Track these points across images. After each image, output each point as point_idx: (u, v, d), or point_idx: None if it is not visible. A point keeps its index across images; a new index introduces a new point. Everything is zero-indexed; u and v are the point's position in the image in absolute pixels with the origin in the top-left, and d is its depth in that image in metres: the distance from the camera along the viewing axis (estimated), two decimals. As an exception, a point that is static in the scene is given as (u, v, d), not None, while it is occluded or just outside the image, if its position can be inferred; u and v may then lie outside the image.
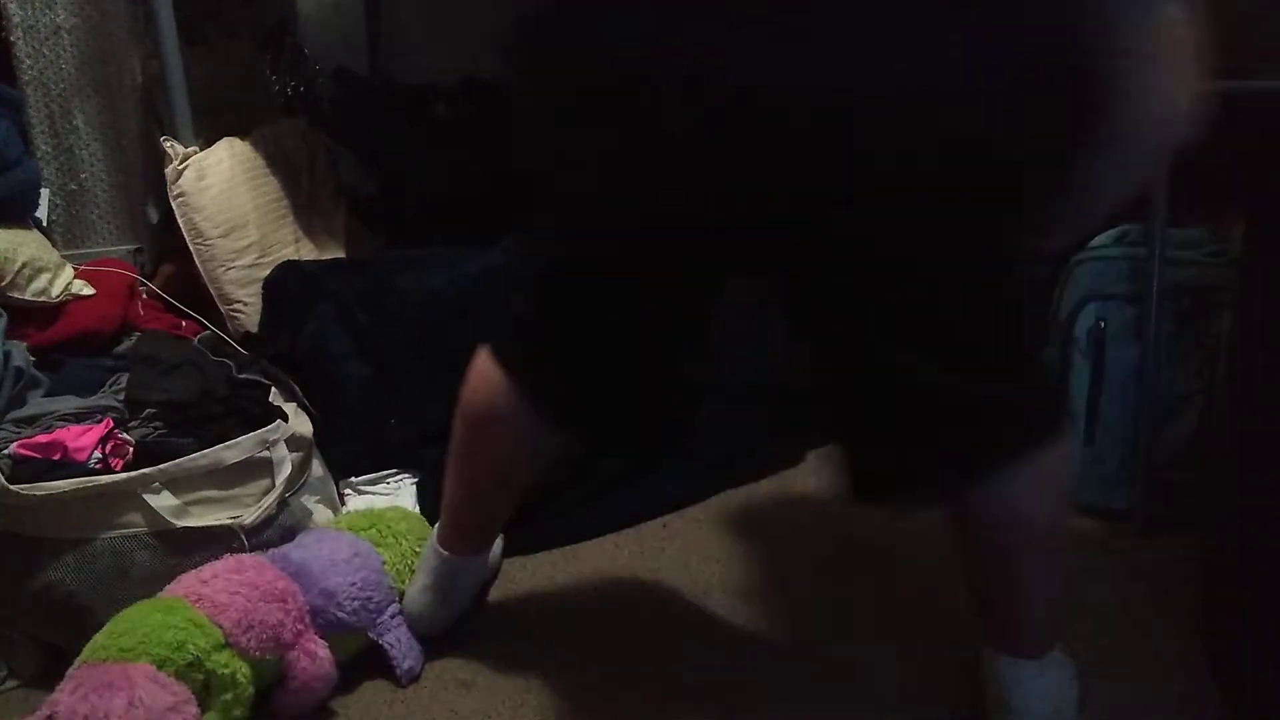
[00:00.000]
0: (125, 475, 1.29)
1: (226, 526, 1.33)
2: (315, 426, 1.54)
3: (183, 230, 1.80)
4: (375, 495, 1.62)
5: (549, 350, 1.13)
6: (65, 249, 1.80)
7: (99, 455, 1.34)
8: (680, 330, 1.12)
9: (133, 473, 1.29)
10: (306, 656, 1.22)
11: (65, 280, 1.66)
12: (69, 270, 1.68)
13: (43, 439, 1.34)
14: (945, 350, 0.96)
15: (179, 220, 1.80)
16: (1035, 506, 1.03)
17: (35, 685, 1.32)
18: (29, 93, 1.80)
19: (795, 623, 1.41)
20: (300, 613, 1.23)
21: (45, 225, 1.78)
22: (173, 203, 1.80)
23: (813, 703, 1.26)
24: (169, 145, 1.79)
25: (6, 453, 1.32)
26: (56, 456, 1.32)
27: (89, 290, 1.69)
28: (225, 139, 1.86)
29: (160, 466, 1.30)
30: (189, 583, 1.21)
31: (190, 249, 1.80)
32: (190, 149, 1.80)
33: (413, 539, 1.41)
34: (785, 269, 1.01)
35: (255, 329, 1.78)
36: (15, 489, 1.25)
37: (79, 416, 1.41)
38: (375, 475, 1.64)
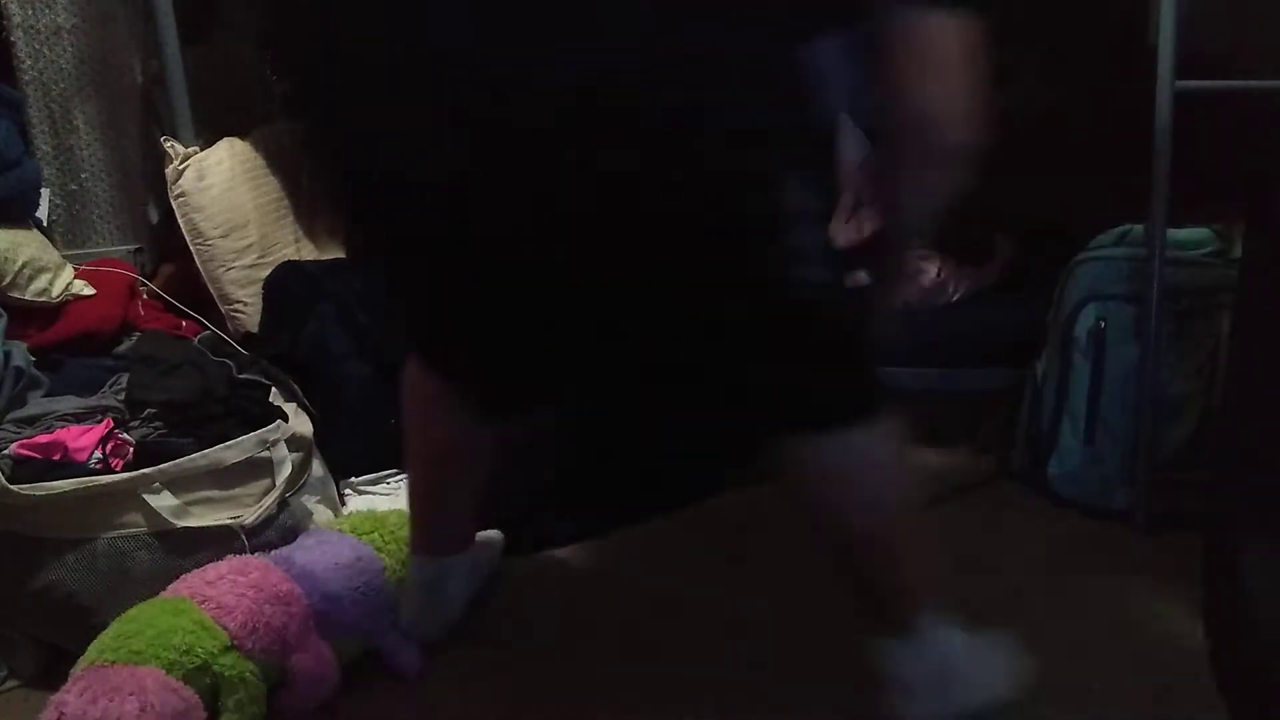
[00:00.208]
0: (125, 475, 1.29)
1: (227, 526, 1.33)
2: (315, 426, 1.54)
3: (183, 230, 1.80)
4: (375, 495, 1.62)
5: (438, 338, 1.18)
6: (65, 249, 1.80)
7: (99, 455, 1.34)
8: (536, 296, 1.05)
9: (133, 473, 1.29)
10: (310, 659, 1.22)
11: (65, 280, 1.66)
12: (69, 270, 1.68)
13: (43, 439, 1.34)
14: (704, 334, 0.97)
15: (179, 220, 1.80)
16: (846, 486, 1.06)
17: (35, 685, 1.32)
18: (29, 93, 1.80)
19: (796, 622, 1.41)
20: (304, 616, 1.23)
21: (45, 225, 1.78)
22: (173, 203, 1.80)
23: (812, 702, 1.26)
24: (169, 145, 1.79)
25: (7, 453, 1.32)
26: (57, 456, 1.32)
27: (89, 290, 1.69)
28: (225, 139, 1.86)
29: (160, 466, 1.30)
30: (195, 583, 1.20)
31: (190, 249, 1.80)
32: (190, 149, 1.80)
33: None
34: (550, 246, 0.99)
35: (255, 329, 1.79)
36: (15, 489, 1.25)
37: (79, 416, 1.41)
38: (375, 475, 1.64)
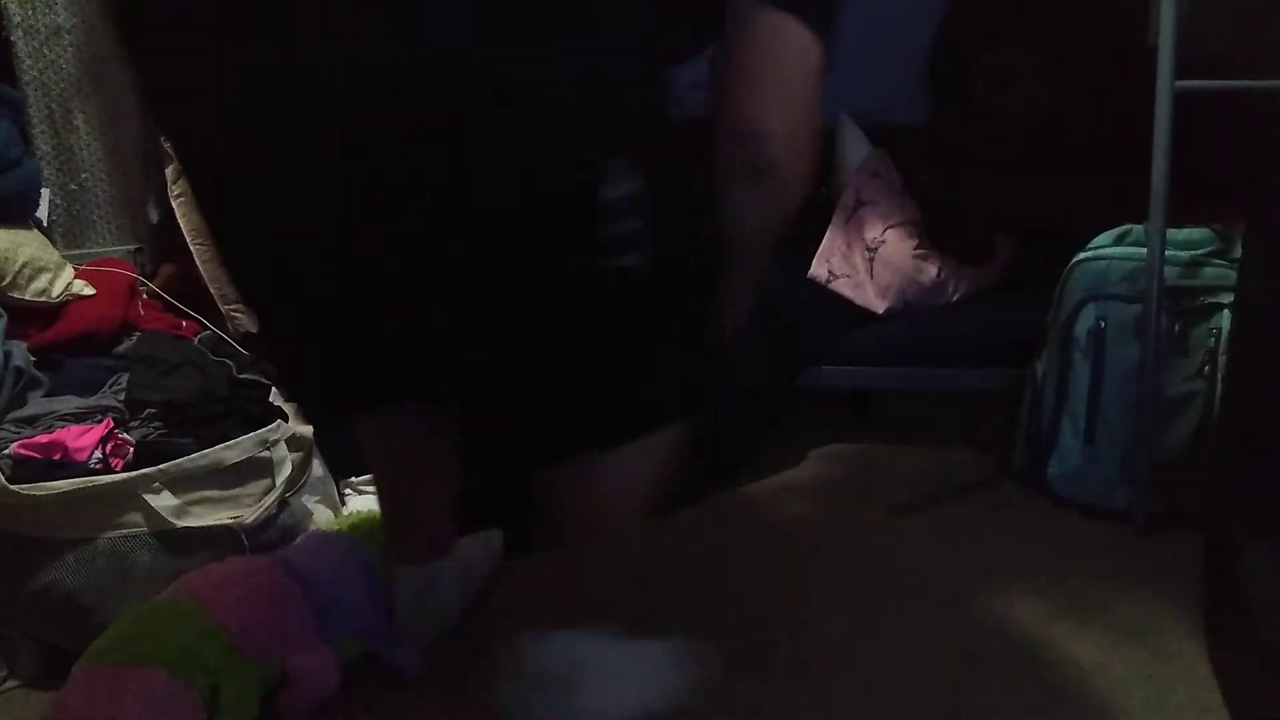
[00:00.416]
0: (125, 475, 1.29)
1: (227, 526, 1.33)
2: (315, 426, 1.54)
3: (183, 230, 1.80)
4: (375, 495, 1.62)
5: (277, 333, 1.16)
6: (65, 249, 1.80)
7: (99, 455, 1.34)
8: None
9: (133, 473, 1.29)
10: (310, 660, 1.22)
11: (65, 280, 1.66)
12: (69, 270, 1.68)
13: (43, 439, 1.34)
14: (514, 345, 0.95)
15: (179, 220, 1.80)
16: (609, 492, 1.09)
17: (35, 685, 1.32)
18: (29, 93, 1.80)
19: (796, 621, 1.41)
20: (304, 617, 1.23)
21: (45, 225, 1.78)
22: (173, 203, 1.80)
23: (812, 702, 1.26)
24: (169, 145, 1.79)
25: (7, 453, 1.32)
26: (57, 456, 1.32)
27: (89, 290, 1.69)
28: (225, 139, 1.86)
29: (160, 466, 1.30)
30: (196, 584, 1.20)
31: (190, 249, 1.80)
32: (191, 149, 1.80)
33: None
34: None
35: (255, 329, 1.78)
36: (15, 489, 1.25)
37: (79, 416, 1.42)
38: (375, 475, 1.64)
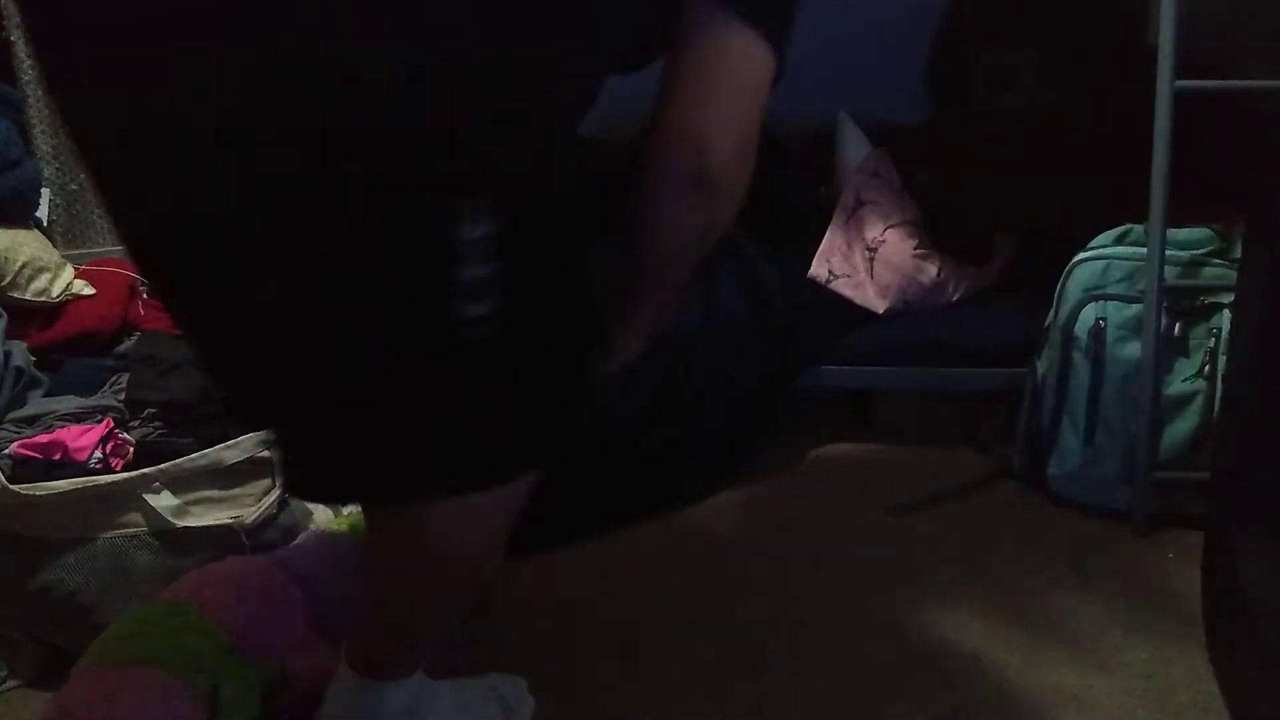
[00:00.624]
0: (125, 475, 1.29)
1: (227, 526, 1.33)
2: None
3: (183, 230, 1.80)
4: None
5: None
6: (65, 249, 1.80)
7: (99, 455, 1.34)
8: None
9: (133, 473, 1.29)
10: (309, 660, 1.22)
11: (66, 280, 1.66)
12: (69, 270, 1.68)
13: (43, 439, 1.34)
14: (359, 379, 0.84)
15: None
16: (431, 538, 0.97)
17: (35, 685, 1.32)
18: (29, 93, 1.80)
19: (796, 621, 1.41)
20: (304, 617, 1.23)
21: (45, 225, 1.78)
22: (173, 202, 1.80)
23: (812, 702, 1.26)
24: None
25: (7, 452, 1.32)
26: (57, 456, 1.32)
27: (89, 290, 1.69)
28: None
29: (160, 466, 1.30)
30: (196, 585, 1.20)
31: (190, 249, 1.80)
32: (190, 148, 1.80)
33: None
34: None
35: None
36: (15, 489, 1.25)
37: (79, 416, 1.42)
38: (375, 475, 1.64)
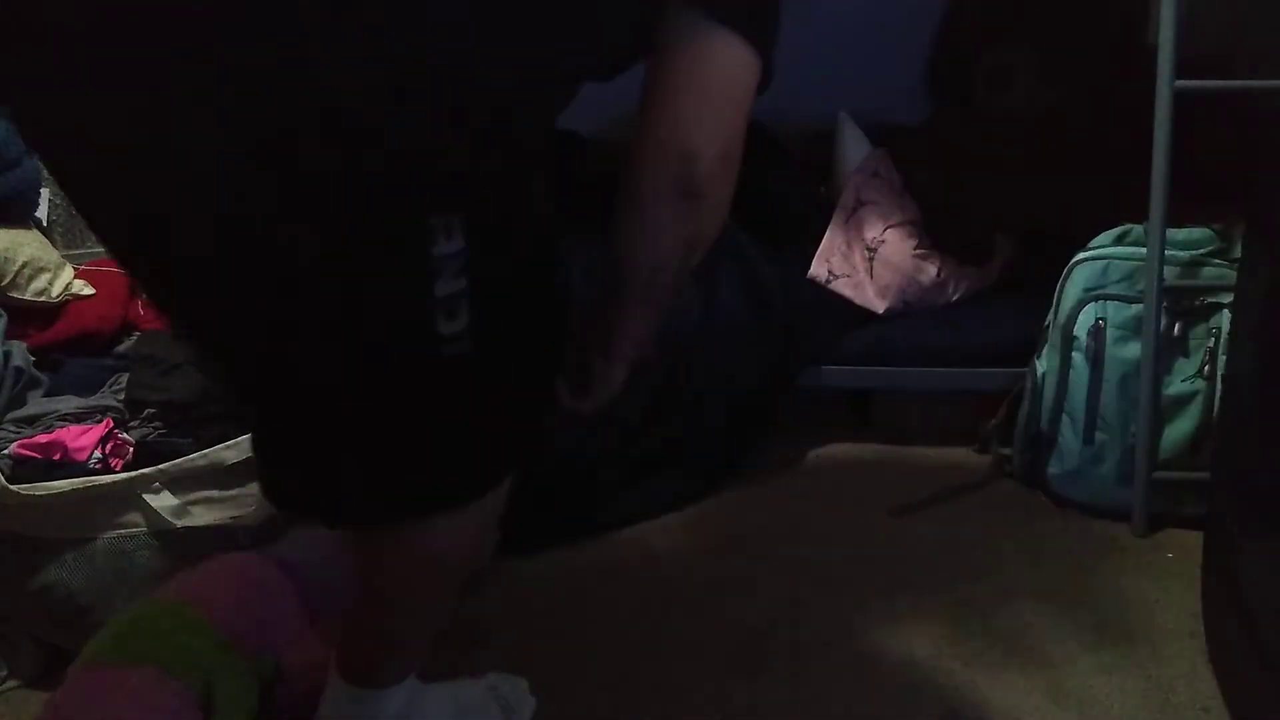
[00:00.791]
0: (125, 475, 1.29)
1: (226, 526, 1.33)
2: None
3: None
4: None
5: None
6: (65, 249, 1.80)
7: (99, 455, 1.34)
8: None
9: (133, 473, 1.29)
10: (304, 654, 1.21)
11: (66, 280, 1.67)
12: (69, 270, 1.69)
13: (43, 439, 1.34)
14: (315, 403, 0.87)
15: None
16: (405, 559, 1.00)
17: (35, 685, 1.32)
18: (29, 93, 1.80)
19: (796, 621, 1.41)
20: (298, 612, 1.22)
21: (45, 225, 1.78)
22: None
23: (812, 702, 1.26)
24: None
25: (6, 453, 1.32)
26: (56, 456, 1.32)
27: (89, 290, 1.69)
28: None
29: (160, 466, 1.30)
30: (190, 582, 1.19)
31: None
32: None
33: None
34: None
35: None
36: (15, 489, 1.25)
37: (79, 416, 1.42)
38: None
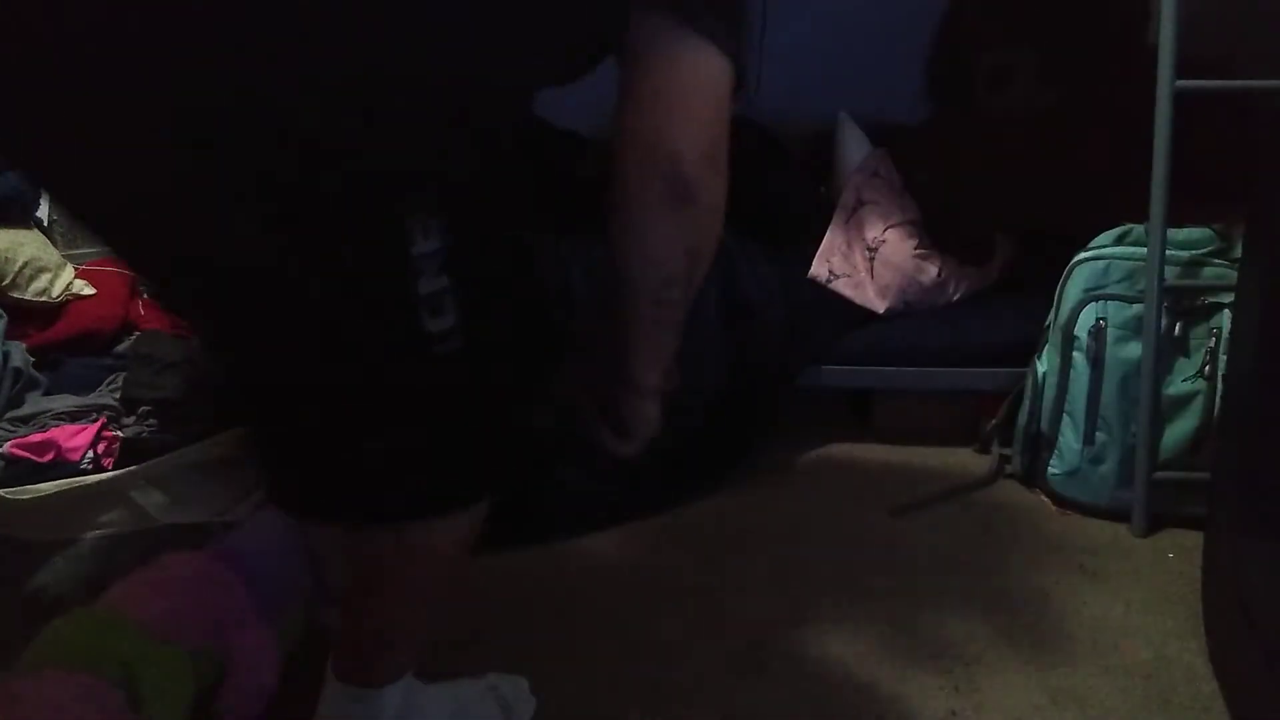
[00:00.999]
0: (110, 474, 1.29)
1: (213, 523, 1.32)
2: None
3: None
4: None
5: None
6: (66, 249, 1.81)
7: (92, 455, 1.34)
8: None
9: (118, 471, 1.30)
10: (251, 649, 1.16)
11: (66, 280, 1.67)
12: (70, 270, 1.69)
13: (36, 438, 1.34)
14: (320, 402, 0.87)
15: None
16: (401, 563, 0.99)
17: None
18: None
19: (796, 621, 1.40)
20: (244, 605, 1.17)
21: (46, 225, 1.79)
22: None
23: (811, 702, 1.25)
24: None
25: (1, 452, 1.33)
26: (49, 456, 1.33)
27: (90, 290, 1.70)
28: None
29: (145, 464, 1.30)
30: (115, 589, 1.14)
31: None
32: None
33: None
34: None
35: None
36: (2, 494, 1.25)
37: (74, 415, 1.42)
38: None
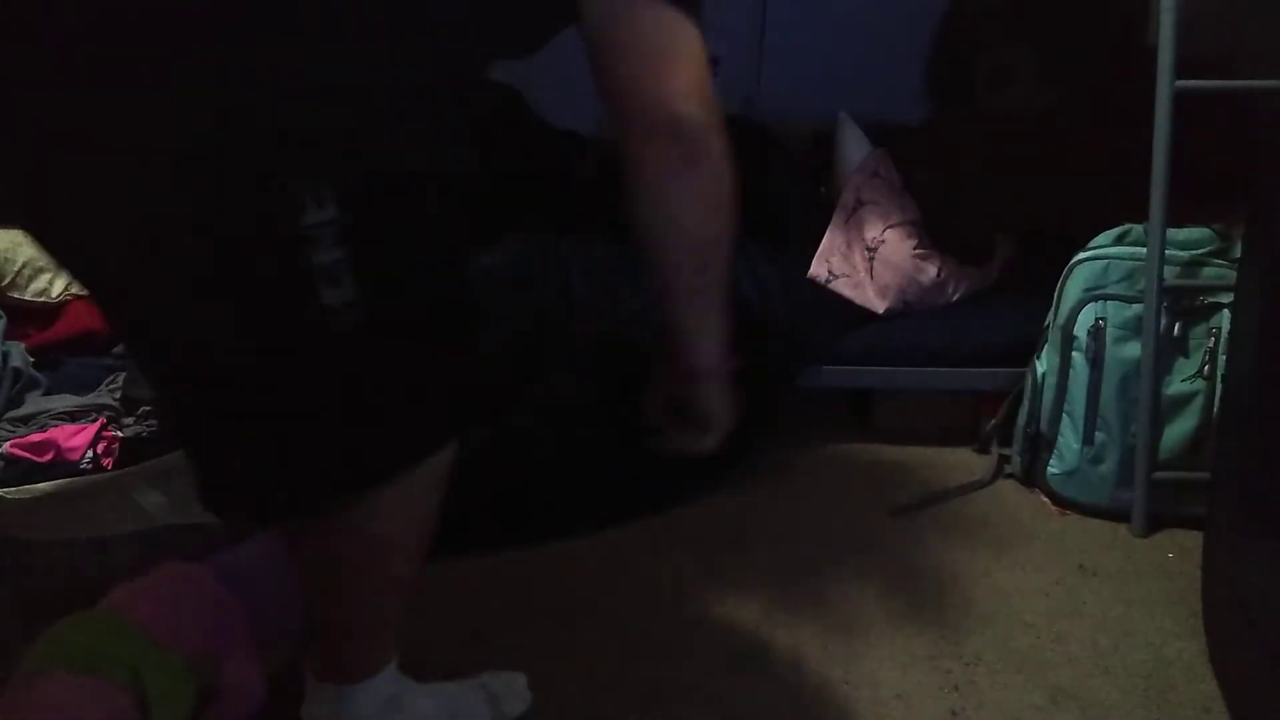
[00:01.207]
0: (111, 474, 1.30)
1: (212, 523, 1.32)
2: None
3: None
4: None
5: None
6: (65, 250, 1.81)
7: (92, 455, 1.34)
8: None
9: (118, 471, 1.30)
10: (242, 672, 1.13)
11: (65, 280, 1.67)
12: (68, 271, 1.69)
13: (36, 438, 1.34)
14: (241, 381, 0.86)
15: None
16: (347, 549, 0.97)
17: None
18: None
19: (795, 621, 1.40)
20: (241, 626, 1.16)
21: (45, 226, 1.79)
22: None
23: (812, 702, 1.25)
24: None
25: (1, 452, 1.33)
26: (49, 456, 1.33)
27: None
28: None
29: (145, 464, 1.30)
30: (118, 594, 1.12)
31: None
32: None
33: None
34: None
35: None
36: (1, 494, 1.25)
37: (73, 415, 1.42)
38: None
